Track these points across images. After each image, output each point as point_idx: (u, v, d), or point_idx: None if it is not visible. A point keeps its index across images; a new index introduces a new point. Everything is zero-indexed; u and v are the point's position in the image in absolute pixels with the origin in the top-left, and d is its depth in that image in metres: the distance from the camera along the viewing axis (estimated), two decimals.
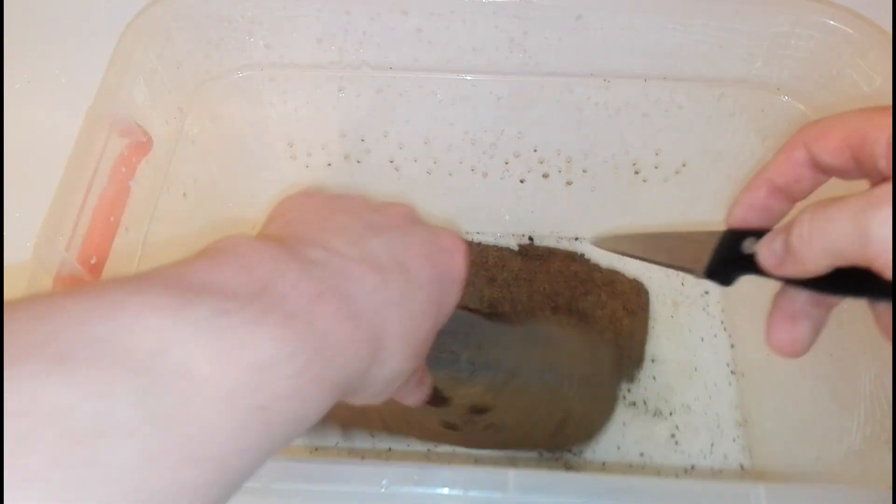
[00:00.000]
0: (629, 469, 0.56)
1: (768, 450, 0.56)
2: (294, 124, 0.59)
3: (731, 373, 0.61)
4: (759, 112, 0.54)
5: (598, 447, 0.57)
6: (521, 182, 0.63)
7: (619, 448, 0.57)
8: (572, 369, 0.48)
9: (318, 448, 0.57)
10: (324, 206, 0.32)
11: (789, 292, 0.30)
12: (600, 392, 0.50)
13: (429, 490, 0.33)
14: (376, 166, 0.62)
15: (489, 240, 0.68)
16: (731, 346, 0.62)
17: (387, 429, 0.53)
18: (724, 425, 0.59)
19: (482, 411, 0.48)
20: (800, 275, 0.27)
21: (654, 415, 0.59)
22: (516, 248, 0.67)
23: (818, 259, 0.26)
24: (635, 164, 0.61)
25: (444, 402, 0.47)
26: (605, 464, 0.57)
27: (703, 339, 0.63)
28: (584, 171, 0.61)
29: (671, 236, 0.35)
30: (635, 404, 0.59)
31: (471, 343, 0.46)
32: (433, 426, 0.50)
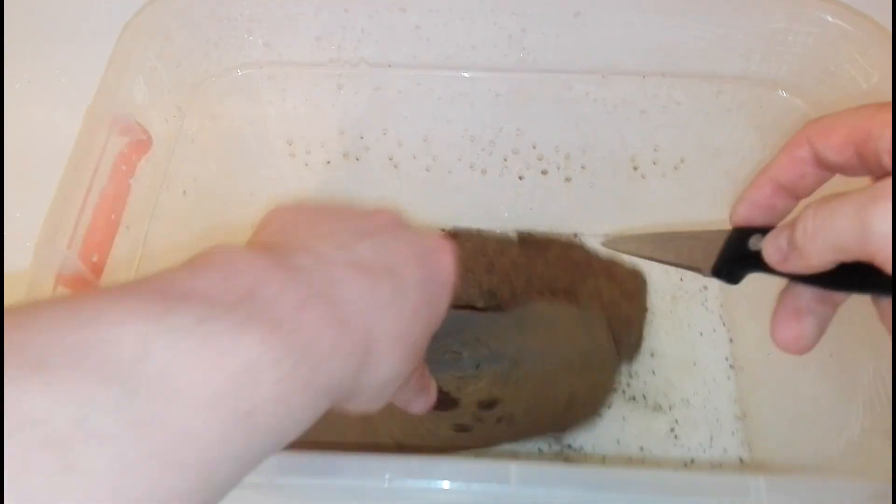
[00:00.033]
0: (629, 463, 0.57)
1: (767, 443, 0.56)
2: (293, 122, 0.59)
3: (730, 367, 0.61)
4: (758, 108, 0.54)
5: (598, 442, 0.57)
6: (520, 179, 0.63)
7: (618, 442, 0.58)
8: (572, 349, 0.48)
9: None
10: (310, 215, 0.32)
11: (794, 289, 0.30)
12: (601, 366, 0.50)
13: (431, 483, 0.33)
14: (375, 164, 0.62)
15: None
16: (730, 341, 0.62)
17: (398, 445, 0.53)
18: (723, 419, 0.59)
19: (491, 405, 0.49)
20: (804, 270, 0.27)
21: (654, 409, 0.59)
22: (515, 236, 0.67)
23: (821, 254, 0.26)
24: (634, 161, 0.61)
25: (454, 405, 0.47)
26: (605, 458, 0.57)
27: (701, 334, 0.63)
28: (583, 168, 0.62)
29: (678, 236, 0.35)
30: (635, 399, 0.59)
31: (469, 339, 0.47)
32: (445, 431, 0.50)
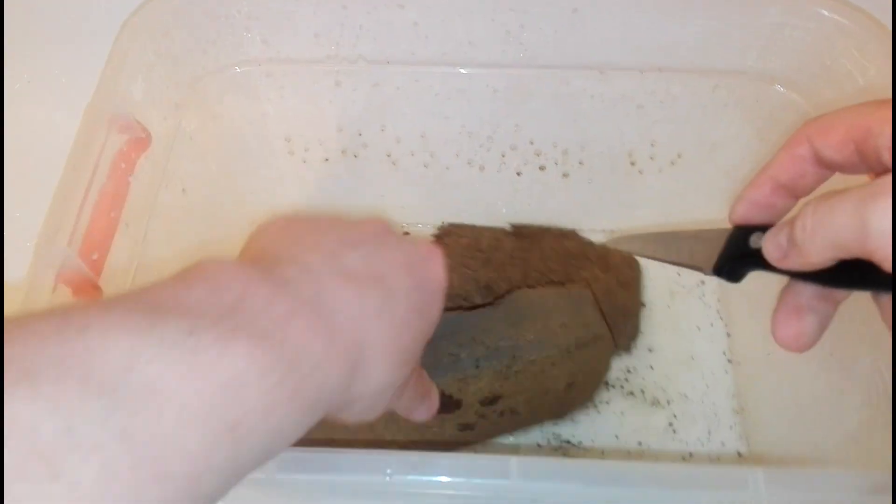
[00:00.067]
0: (628, 457, 0.57)
1: (765, 437, 0.56)
2: (291, 119, 0.59)
3: (728, 361, 0.61)
4: (754, 103, 0.54)
5: (596, 437, 0.58)
6: (518, 175, 0.63)
7: (617, 437, 0.58)
8: (566, 336, 0.48)
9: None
10: (298, 227, 0.32)
11: (795, 286, 0.30)
12: (596, 351, 0.50)
13: (433, 478, 0.33)
14: (374, 160, 0.62)
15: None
16: (728, 335, 0.63)
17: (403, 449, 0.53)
18: (721, 413, 0.59)
19: (493, 401, 0.49)
20: (804, 267, 0.27)
21: (652, 404, 0.59)
22: (509, 229, 0.67)
23: (821, 252, 0.26)
24: (631, 156, 0.61)
25: (457, 406, 0.47)
26: (603, 452, 0.57)
27: (699, 329, 0.63)
28: (581, 163, 0.62)
29: (680, 235, 0.35)
30: (633, 394, 0.60)
31: (464, 340, 0.47)
32: (451, 432, 0.50)
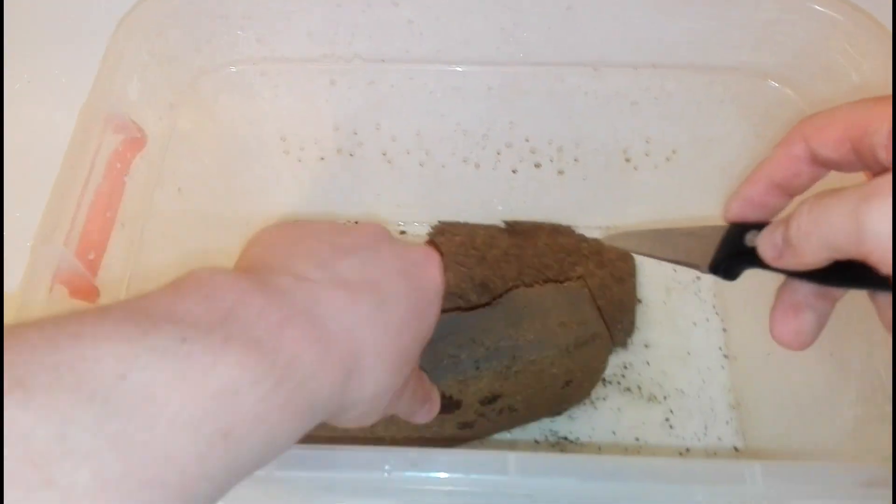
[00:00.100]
0: (625, 453, 0.57)
1: (761, 431, 0.56)
2: (286, 118, 0.59)
3: (724, 356, 0.62)
4: (749, 99, 0.55)
5: (593, 433, 0.58)
6: (514, 172, 0.63)
7: (614, 433, 0.58)
8: (564, 333, 0.48)
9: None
10: (292, 234, 0.33)
11: (792, 284, 0.30)
12: (593, 347, 0.50)
13: (431, 474, 0.33)
14: (369, 159, 0.62)
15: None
16: (724, 331, 0.63)
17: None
18: (718, 408, 0.59)
19: (493, 400, 0.49)
20: (799, 267, 0.27)
21: (649, 400, 0.59)
22: (503, 225, 0.67)
23: (816, 252, 0.26)
24: (626, 153, 0.61)
25: (458, 406, 0.48)
26: (600, 448, 0.57)
27: (695, 324, 0.63)
28: (576, 160, 0.62)
29: (675, 233, 0.35)
30: (630, 390, 0.60)
31: (464, 341, 0.47)
32: (450, 431, 0.50)
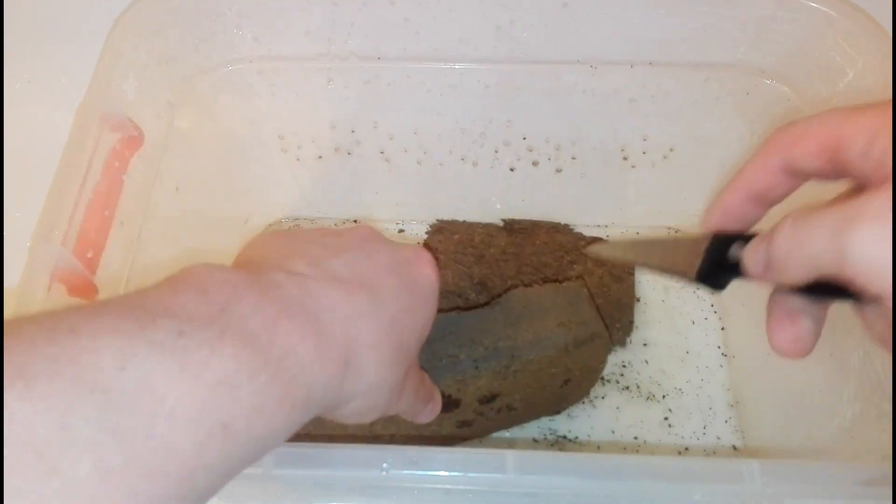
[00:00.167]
0: (624, 452, 0.57)
1: (760, 430, 0.56)
2: (284, 117, 0.59)
3: (723, 355, 0.62)
4: (745, 96, 0.55)
5: (592, 432, 0.58)
6: (511, 170, 0.63)
7: (613, 432, 0.58)
8: (563, 332, 0.48)
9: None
10: (285, 238, 0.33)
11: (783, 292, 0.30)
12: (592, 346, 0.50)
13: (429, 472, 0.33)
14: (367, 158, 0.62)
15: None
16: (722, 329, 0.63)
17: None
18: (717, 407, 0.59)
19: (492, 399, 0.49)
20: (785, 283, 0.27)
21: (647, 398, 0.59)
22: (501, 224, 0.67)
23: (799, 272, 0.25)
24: (623, 150, 0.61)
25: (456, 405, 0.48)
26: (599, 447, 0.57)
27: (693, 323, 0.63)
28: (574, 158, 0.62)
29: (662, 242, 0.35)
30: (628, 388, 0.60)
31: (463, 340, 0.47)
32: (449, 429, 0.51)
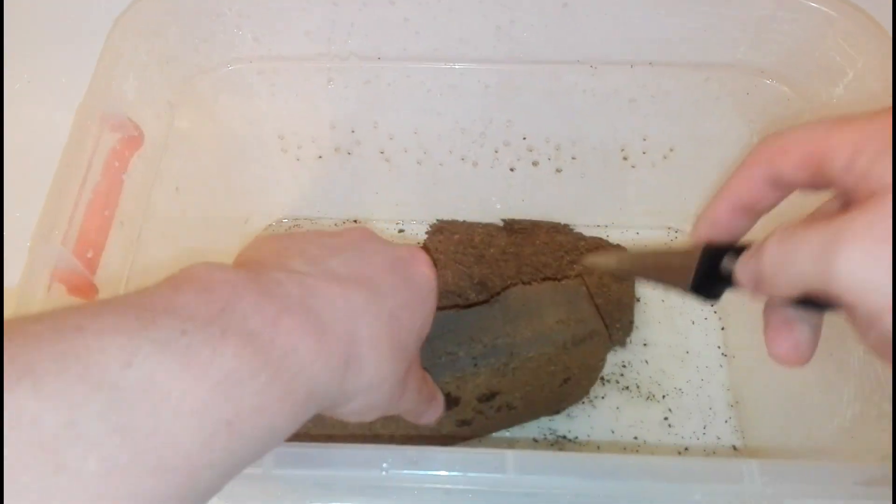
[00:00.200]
0: (623, 452, 0.57)
1: (760, 430, 0.56)
2: (284, 117, 0.59)
3: (722, 355, 0.62)
4: (745, 96, 0.55)
5: (592, 432, 0.58)
6: (511, 170, 0.63)
7: (613, 432, 0.58)
8: (562, 330, 0.48)
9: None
10: (282, 240, 0.33)
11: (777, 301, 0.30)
12: (591, 345, 0.50)
13: (429, 472, 0.33)
14: (367, 158, 0.62)
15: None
16: (722, 329, 0.63)
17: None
18: (717, 407, 0.59)
19: (491, 397, 0.49)
20: (776, 297, 0.27)
21: (647, 398, 0.59)
22: (501, 224, 0.67)
23: (788, 288, 0.26)
24: (623, 150, 0.61)
25: (455, 403, 0.48)
26: (599, 447, 0.57)
27: (693, 323, 0.63)
28: (574, 158, 0.62)
29: (656, 254, 0.35)
30: (628, 388, 0.60)
31: (462, 338, 0.47)
32: (448, 428, 0.50)
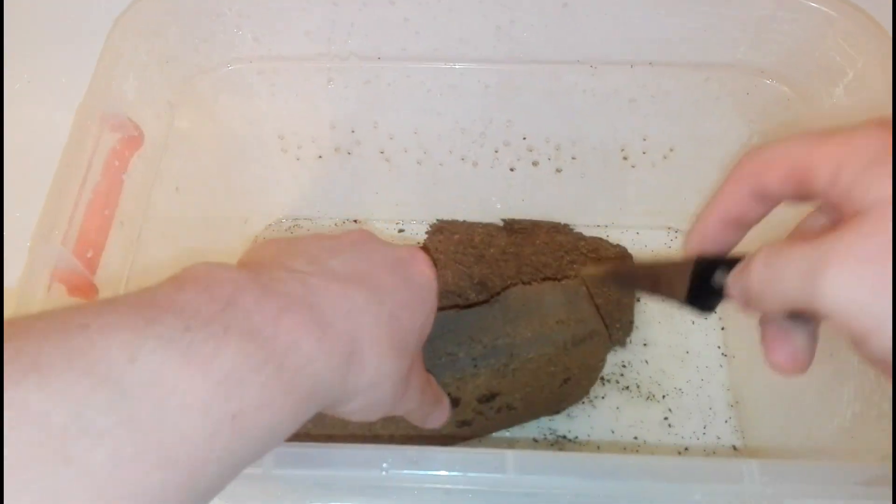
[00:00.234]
0: (623, 452, 0.57)
1: (760, 430, 0.56)
2: (284, 117, 0.59)
3: (722, 355, 0.62)
4: (745, 96, 0.55)
5: (592, 432, 0.58)
6: (511, 170, 0.63)
7: (613, 432, 0.58)
8: (562, 331, 0.48)
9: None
10: (284, 242, 0.34)
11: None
12: (591, 345, 0.50)
13: (429, 472, 0.33)
14: (367, 157, 0.62)
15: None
16: (722, 329, 0.63)
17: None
18: (717, 407, 0.59)
19: (491, 398, 0.49)
20: (767, 313, 0.28)
21: (647, 398, 0.59)
22: (501, 224, 0.67)
23: (776, 306, 0.26)
24: (623, 150, 0.61)
25: (456, 404, 0.48)
26: (599, 447, 0.57)
27: (693, 323, 0.63)
28: (574, 158, 0.62)
29: (650, 266, 0.35)
30: (628, 388, 0.60)
31: (462, 339, 0.47)
32: (448, 429, 0.50)
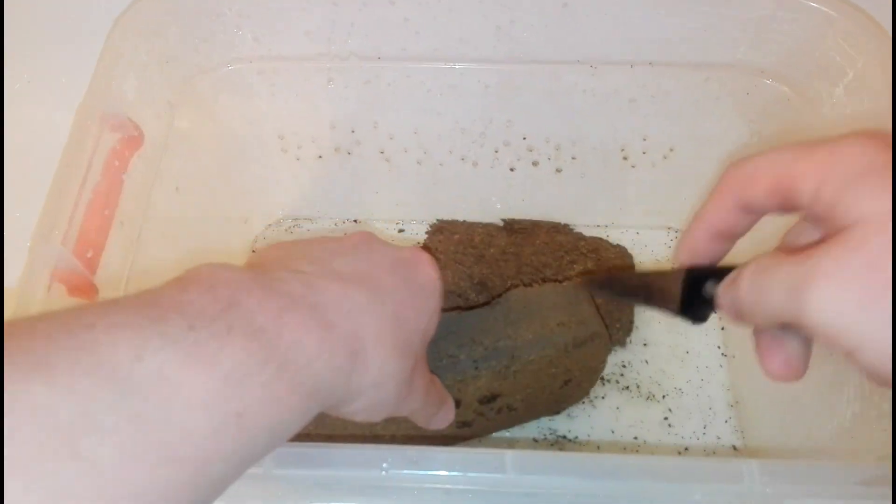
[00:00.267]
0: (623, 452, 0.57)
1: (760, 430, 0.56)
2: (284, 117, 0.59)
3: (722, 355, 0.62)
4: (745, 96, 0.55)
5: (592, 432, 0.58)
6: (511, 170, 0.63)
7: (613, 432, 0.58)
8: (563, 332, 0.48)
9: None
10: (287, 245, 0.34)
11: None
12: (592, 346, 0.50)
13: (429, 472, 0.33)
14: (367, 157, 0.62)
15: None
16: (722, 329, 0.63)
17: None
18: (716, 407, 0.59)
19: (492, 399, 0.49)
20: (757, 326, 0.28)
21: (647, 398, 0.59)
22: (501, 224, 0.67)
23: (765, 321, 0.26)
24: (623, 150, 0.61)
25: (456, 405, 0.48)
26: (599, 447, 0.57)
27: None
28: (574, 158, 0.62)
29: (643, 276, 0.35)
30: (629, 388, 0.60)
31: (464, 340, 0.47)
32: (449, 429, 0.51)
